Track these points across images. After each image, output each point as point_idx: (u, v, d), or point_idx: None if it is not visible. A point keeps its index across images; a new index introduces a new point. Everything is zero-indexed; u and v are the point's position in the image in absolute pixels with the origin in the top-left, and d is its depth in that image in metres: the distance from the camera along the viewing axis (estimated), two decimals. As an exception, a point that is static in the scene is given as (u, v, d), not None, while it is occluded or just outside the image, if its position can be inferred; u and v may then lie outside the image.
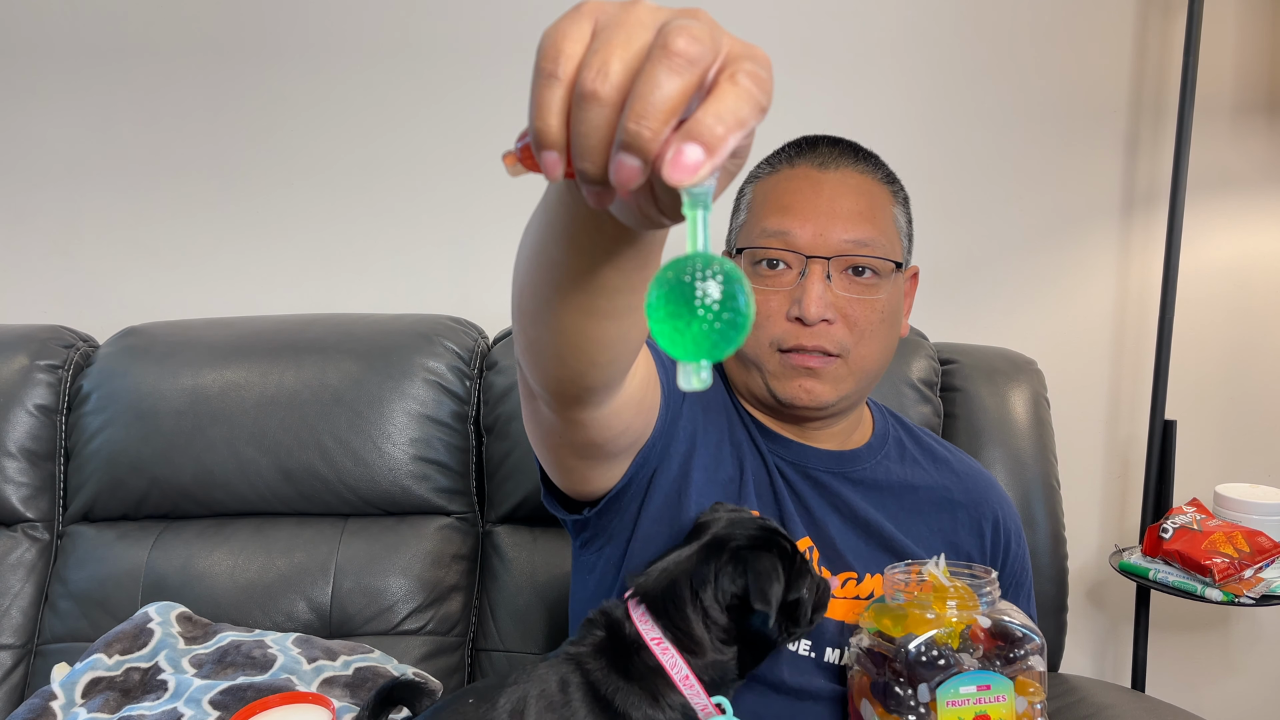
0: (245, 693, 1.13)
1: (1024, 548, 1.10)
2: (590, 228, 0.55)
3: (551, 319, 0.63)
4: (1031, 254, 1.72)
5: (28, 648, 1.41)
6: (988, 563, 1.05)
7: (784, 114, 1.67)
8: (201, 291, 1.73)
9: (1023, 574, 1.09)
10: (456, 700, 0.83)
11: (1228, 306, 1.73)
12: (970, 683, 0.83)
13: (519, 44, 1.66)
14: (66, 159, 1.71)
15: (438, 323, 1.53)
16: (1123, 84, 1.68)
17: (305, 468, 1.42)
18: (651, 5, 0.42)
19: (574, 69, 0.41)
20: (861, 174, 0.98)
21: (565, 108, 0.42)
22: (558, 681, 0.81)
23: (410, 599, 1.40)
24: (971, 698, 0.83)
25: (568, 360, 0.68)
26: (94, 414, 1.46)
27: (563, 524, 1.01)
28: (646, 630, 0.81)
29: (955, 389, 1.49)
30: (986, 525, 1.05)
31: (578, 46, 0.42)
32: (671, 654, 0.80)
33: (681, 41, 0.39)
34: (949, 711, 0.83)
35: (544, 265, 0.60)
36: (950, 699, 0.83)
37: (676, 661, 0.80)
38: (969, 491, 1.06)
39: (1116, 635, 1.82)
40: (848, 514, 1.00)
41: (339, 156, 1.70)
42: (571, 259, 0.58)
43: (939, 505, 1.04)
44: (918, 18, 1.66)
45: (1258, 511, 1.50)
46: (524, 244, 0.64)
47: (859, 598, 0.97)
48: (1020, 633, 0.86)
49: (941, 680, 0.83)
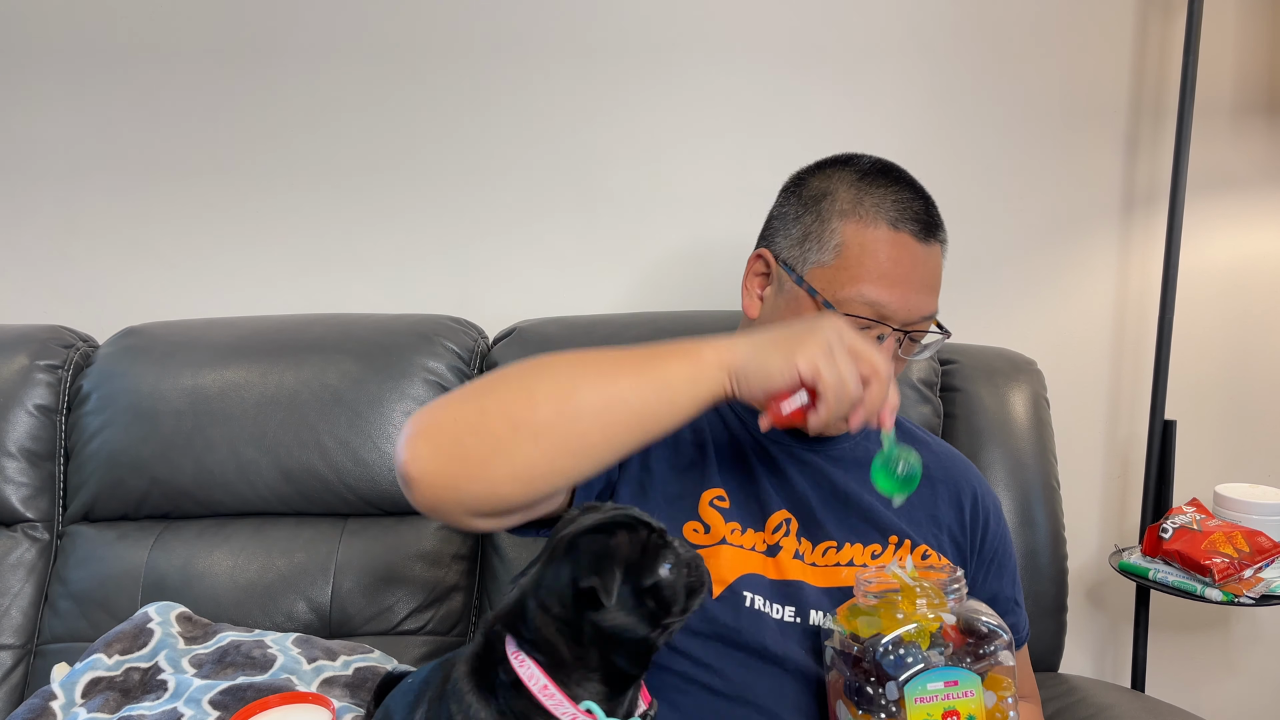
0: (245, 693, 1.13)
1: (1003, 527, 1.13)
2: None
3: (601, 453, 0.83)
4: (1031, 254, 1.72)
5: (28, 648, 1.41)
6: (967, 535, 1.08)
7: (785, 114, 1.68)
8: (201, 291, 1.73)
9: (1004, 554, 1.11)
10: (403, 684, 0.91)
11: (1228, 306, 1.73)
12: (938, 679, 0.85)
13: (519, 44, 1.66)
14: (66, 159, 1.71)
15: (438, 323, 1.53)
16: (1123, 84, 1.68)
17: (305, 468, 1.42)
18: (868, 342, 0.83)
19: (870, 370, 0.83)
20: (941, 244, 1.02)
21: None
22: (438, 685, 0.84)
23: (410, 599, 1.40)
24: (940, 694, 0.84)
25: (566, 479, 0.85)
26: (94, 414, 1.46)
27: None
28: (509, 647, 0.80)
29: (955, 389, 1.49)
30: (965, 500, 1.09)
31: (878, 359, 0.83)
32: (529, 665, 0.78)
33: (884, 367, 0.83)
34: (918, 708, 0.84)
35: (632, 423, 0.83)
36: (918, 695, 0.84)
37: (534, 673, 0.77)
38: (947, 470, 1.10)
39: (1116, 635, 1.82)
40: (827, 487, 1.04)
41: (339, 156, 1.70)
42: (667, 427, 0.84)
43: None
44: (918, 18, 1.66)
45: (1258, 511, 1.50)
46: (591, 402, 0.82)
47: (839, 565, 1.00)
48: (987, 628, 0.88)
49: (909, 678, 0.84)
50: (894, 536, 1.03)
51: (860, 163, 1.03)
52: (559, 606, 0.77)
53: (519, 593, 0.81)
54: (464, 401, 0.85)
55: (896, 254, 0.97)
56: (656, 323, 1.50)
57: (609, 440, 0.82)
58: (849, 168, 1.03)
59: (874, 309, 0.96)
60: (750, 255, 1.08)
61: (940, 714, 0.84)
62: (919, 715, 0.84)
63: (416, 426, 0.83)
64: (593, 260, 1.72)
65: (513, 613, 0.80)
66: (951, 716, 0.84)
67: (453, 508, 0.84)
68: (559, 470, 0.83)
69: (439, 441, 0.82)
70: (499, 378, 0.86)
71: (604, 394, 0.82)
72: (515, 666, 0.78)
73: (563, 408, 0.81)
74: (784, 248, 1.03)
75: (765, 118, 1.68)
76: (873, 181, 1.00)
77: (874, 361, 0.82)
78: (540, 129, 1.69)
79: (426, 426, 0.83)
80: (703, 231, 1.70)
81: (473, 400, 0.84)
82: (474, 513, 0.84)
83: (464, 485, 0.82)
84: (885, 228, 0.97)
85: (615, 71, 1.67)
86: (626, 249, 1.71)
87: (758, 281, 1.06)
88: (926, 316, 1.00)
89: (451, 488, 0.82)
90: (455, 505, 0.84)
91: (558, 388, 0.82)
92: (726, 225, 1.68)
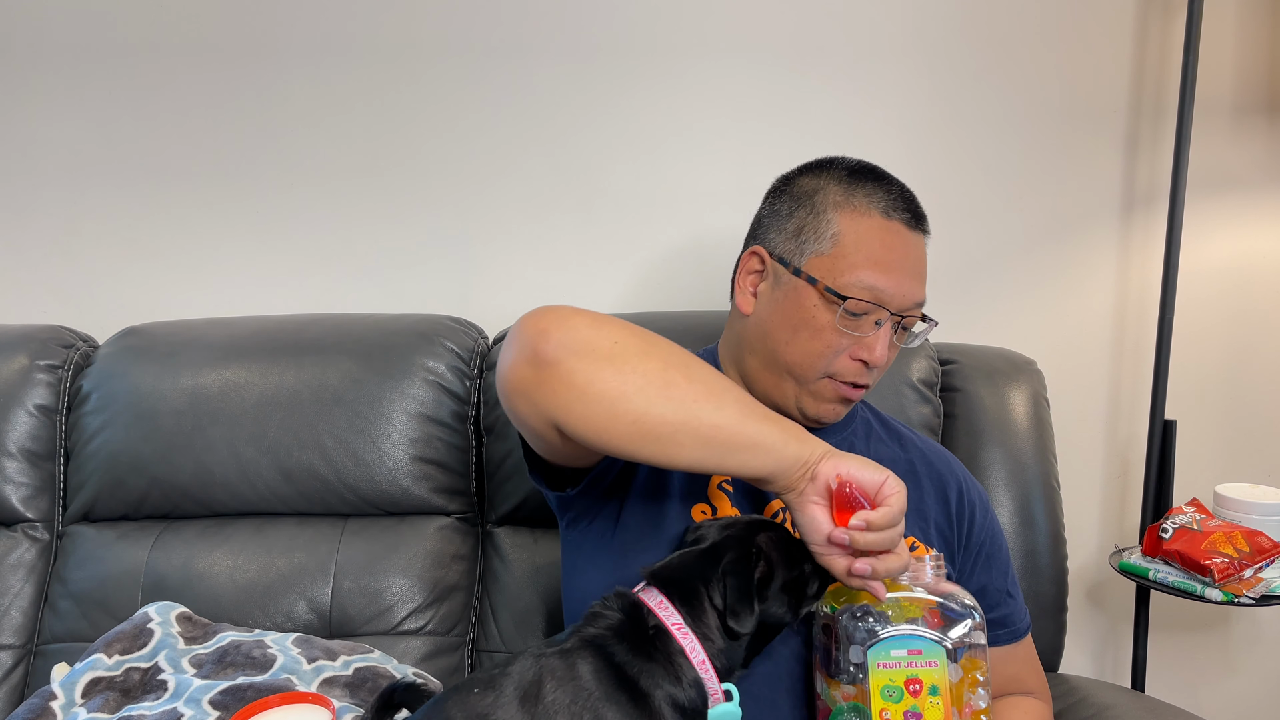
0: (245, 693, 1.13)
1: (990, 520, 1.14)
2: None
3: (675, 460, 0.85)
4: (1031, 254, 1.72)
5: (28, 648, 1.41)
6: (954, 528, 1.10)
7: (785, 114, 1.68)
8: (201, 291, 1.73)
9: (993, 546, 1.13)
10: (459, 690, 0.83)
11: (1228, 306, 1.73)
12: (901, 646, 0.86)
13: (519, 44, 1.67)
14: (66, 159, 1.71)
15: (438, 323, 1.53)
16: (1123, 84, 1.68)
17: (305, 468, 1.42)
18: (899, 528, 0.84)
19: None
20: (926, 235, 1.06)
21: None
22: (574, 665, 0.82)
23: (410, 599, 1.40)
24: (903, 661, 0.86)
25: (634, 455, 0.85)
26: (94, 414, 1.46)
27: (547, 500, 1.07)
28: (667, 616, 0.84)
29: (955, 389, 1.49)
30: (951, 494, 1.11)
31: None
32: (691, 639, 0.84)
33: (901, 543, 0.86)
34: (880, 673, 0.85)
35: (719, 463, 0.85)
36: (881, 660, 0.86)
37: (695, 646, 0.83)
38: (932, 465, 1.13)
39: (1116, 635, 1.82)
40: None
41: (339, 156, 1.70)
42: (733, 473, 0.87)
43: (904, 476, 1.10)
44: (918, 18, 1.66)
45: (1258, 511, 1.50)
46: (702, 411, 0.83)
47: None
48: (960, 606, 0.89)
49: (873, 643, 0.86)
50: None
51: (845, 163, 1.07)
52: (722, 604, 0.85)
53: (685, 573, 0.87)
54: (623, 331, 0.85)
55: (890, 240, 1.01)
56: (656, 323, 1.49)
57: (691, 459, 0.84)
58: (834, 168, 1.06)
59: (872, 293, 0.99)
60: (742, 254, 1.09)
61: (903, 681, 0.85)
62: (881, 680, 0.85)
63: (568, 322, 0.84)
64: (593, 260, 1.72)
65: (682, 586, 0.86)
66: (914, 684, 0.85)
67: (549, 408, 0.84)
68: (664, 447, 0.83)
69: (590, 351, 0.82)
70: (655, 335, 0.88)
71: (728, 427, 0.84)
72: (679, 638, 0.84)
73: (691, 410, 0.83)
74: (778, 243, 1.05)
75: (765, 118, 1.68)
76: (861, 178, 1.04)
77: (905, 550, 0.88)
78: (540, 129, 1.69)
79: (583, 332, 0.83)
80: (703, 231, 1.70)
81: (634, 337, 0.85)
82: (556, 423, 0.85)
83: (585, 400, 0.82)
84: (878, 216, 1.01)
85: (615, 71, 1.67)
86: (626, 249, 1.71)
87: (751, 279, 1.08)
88: (917, 304, 1.03)
89: (570, 395, 0.82)
90: (554, 408, 0.84)
91: (703, 388, 0.84)
92: (726, 225, 1.68)
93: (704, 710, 0.84)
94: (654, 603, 0.85)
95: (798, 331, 1.01)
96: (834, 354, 1.01)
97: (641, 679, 0.81)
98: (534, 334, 0.83)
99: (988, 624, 1.11)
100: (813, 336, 1.00)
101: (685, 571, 0.87)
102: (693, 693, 0.83)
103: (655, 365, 0.83)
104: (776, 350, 1.03)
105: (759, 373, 1.06)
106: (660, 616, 0.84)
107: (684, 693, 0.82)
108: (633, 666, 0.82)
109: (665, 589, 0.86)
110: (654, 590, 0.87)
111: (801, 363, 1.02)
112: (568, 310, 0.86)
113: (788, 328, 1.02)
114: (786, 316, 1.02)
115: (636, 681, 0.81)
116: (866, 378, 1.03)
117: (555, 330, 0.83)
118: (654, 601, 0.85)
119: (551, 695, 0.80)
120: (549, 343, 0.82)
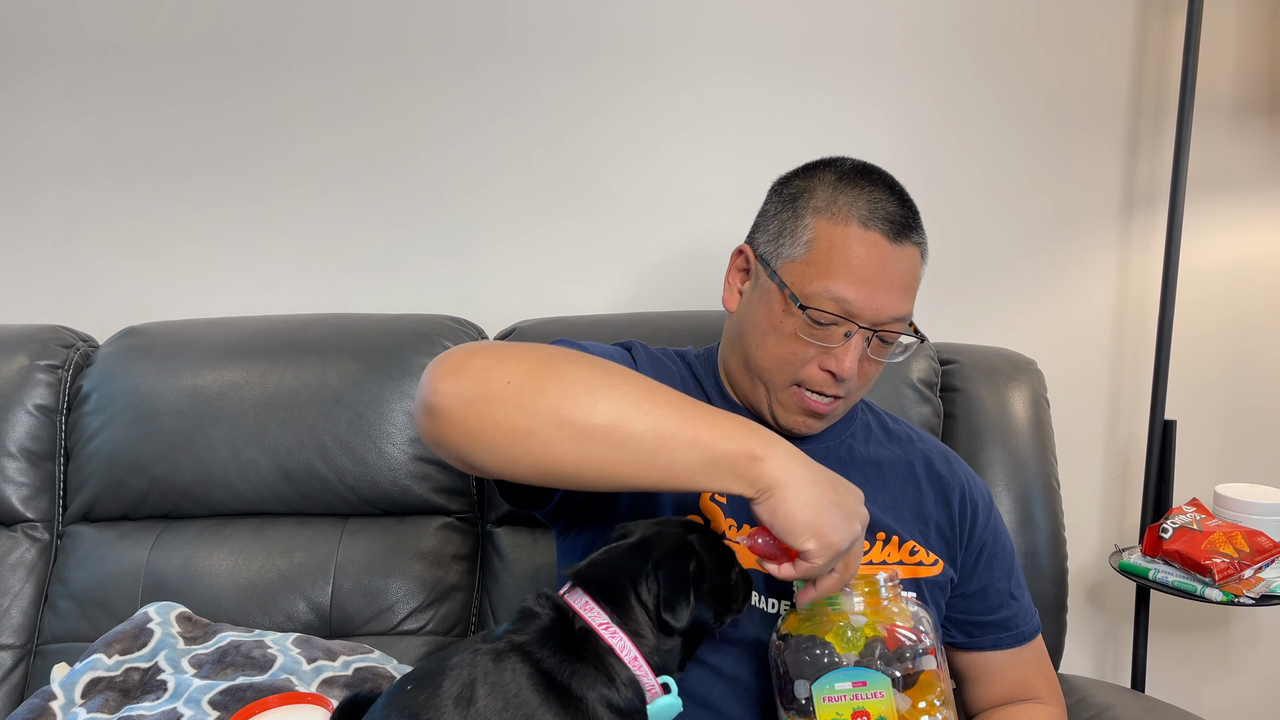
0: (245, 693, 1.13)
1: (994, 520, 1.14)
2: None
3: (624, 482, 0.82)
4: (1031, 254, 1.72)
5: (28, 648, 1.41)
6: (955, 530, 1.09)
7: (785, 114, 1.68)
8: (201, 291, 1.73)
9: (995, 546, 1.12)
10: (397, 688, 0.83)
11: (1228, 306, 1.73)
12: (845, 679, 0.85)
13: (519, 45, 1.67)
14: (66, 159, 1.71)
15: (438, 323, 1.53)
16: (1123, 84, 1.68)
17: (305, 468, 1.42)
18: (856, 551, 0.86)
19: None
20: (916, 246, 1.01)
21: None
22: (504, 669, 0.81)
23: (410, 599, 1.40)
24: (848, 694, 0.85)
25: (577, 485, 0.84)
26: (94, 414, 1.46)
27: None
28: (593, 617, 0.83)
29: (955, 389, 1.49)
30: (953, 495, 1.10)
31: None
32: (620, 637, 0.82)
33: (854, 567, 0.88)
34: (826, 707, 0.85)
35: (661, 476, 0.82)
36: (826, 694, 0.85)
37: (626, 644, 0.82)
38: (933, 466, 1.12)
39: (1116, 635, 1.82)
40: None
41: (339, 156, 1.70)
42: (681, 490, 0.84)
43: (904, 478, 1.10)
44: (919, 18, 1.66)
45: (1258, 511, 1.50)
46: (643, 433, 0.80)
47: None
48: (902, 635, 0.88)
49: (818, 677, 0.85)
50: (881, 533, 1.04)
51: (842, 164, 1.04)
52: (652, 603, 0.84)
53: (609, 570, 0.86)
54: (520, 368, 0.81)
55: (865, 252, 0.97)
56: (656, 323, 1.50)
57: (636, 476, 0.81)
58: (830, 168, 1.04)
59: (840, 305, 0.96)
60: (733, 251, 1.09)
61: (849, 714, 0.84)
62: (829, 714, 0.84)
63: (462, 367, 0.82)
64: (592, 260, 1.72)
65: (608, 585, 0.85)
66: (861, 717, 0.84)
67: (454, 453, 0.83)
68: (578, 477, 0.82)
69: (479, 396, 0.80)
70: (561, 360, 0.84)
71: (658, 433, 0.80)
72: (607, 638, 0.82)
73: (616, 428, 0.79)
74: (762, 243, 1.04)
75: (765, 117, 1.68)
76: (851, 181, 1.01)
77: (854, 566, 0.88)
78: (540, 129, 1.69)
79: (474, 376, 0.81)
80: (702, 231, 1.70)
81: (530, 375, 0.81)
82: (470, 467, 0.84)
83: (481, 446, 0.81)
84: (856, 226, 0.98)
85: (615, 71, 1.67)
86: (626, 249, 1.71)
87: (738, 277, 1.08)
88: (898, 318, 0.99)
89: (467, 440, 0.81)
90: (458, 454, 0.83)
91: (620, 405, 0.80)
92: (726, 225, 1.67)
93: (642, 708, 0.82)
94: (579, 604, 0.84)
95: (766, 335, 1.00)
96: (800, 362, 0.99)
97: (573, 684, 0.79)
98: (425, 384, 0.82)
99: (990, 626, 1.11)
100: (780, 342, 0.99)
101: (610, 569, 0.86)
102: (628, 692, 0.81)
103: (549, 403, 0.79)
104: (749, 352, 1.02)
105: (738, 372, 1.06)
106: (586, 618, 0.83)
107: (618, 693, 0.81)
108: (563, 671, 0.80)
109: (589, 589, 0.84)
110: (578, 591, 0.85)
111: (769, 367, 1.00)
112: (466, 352, 0.84)
113: (759, 330, 1.01)
114: (760, 319, 1.01)
115: (568, 687, 0.79)
116: (835, 389, 0.99)
117: (444, 380, 0.81)
118: (579, 603, 0.84)
119: (484, 701, 0.79)
120: (438, 394, 0.81)
